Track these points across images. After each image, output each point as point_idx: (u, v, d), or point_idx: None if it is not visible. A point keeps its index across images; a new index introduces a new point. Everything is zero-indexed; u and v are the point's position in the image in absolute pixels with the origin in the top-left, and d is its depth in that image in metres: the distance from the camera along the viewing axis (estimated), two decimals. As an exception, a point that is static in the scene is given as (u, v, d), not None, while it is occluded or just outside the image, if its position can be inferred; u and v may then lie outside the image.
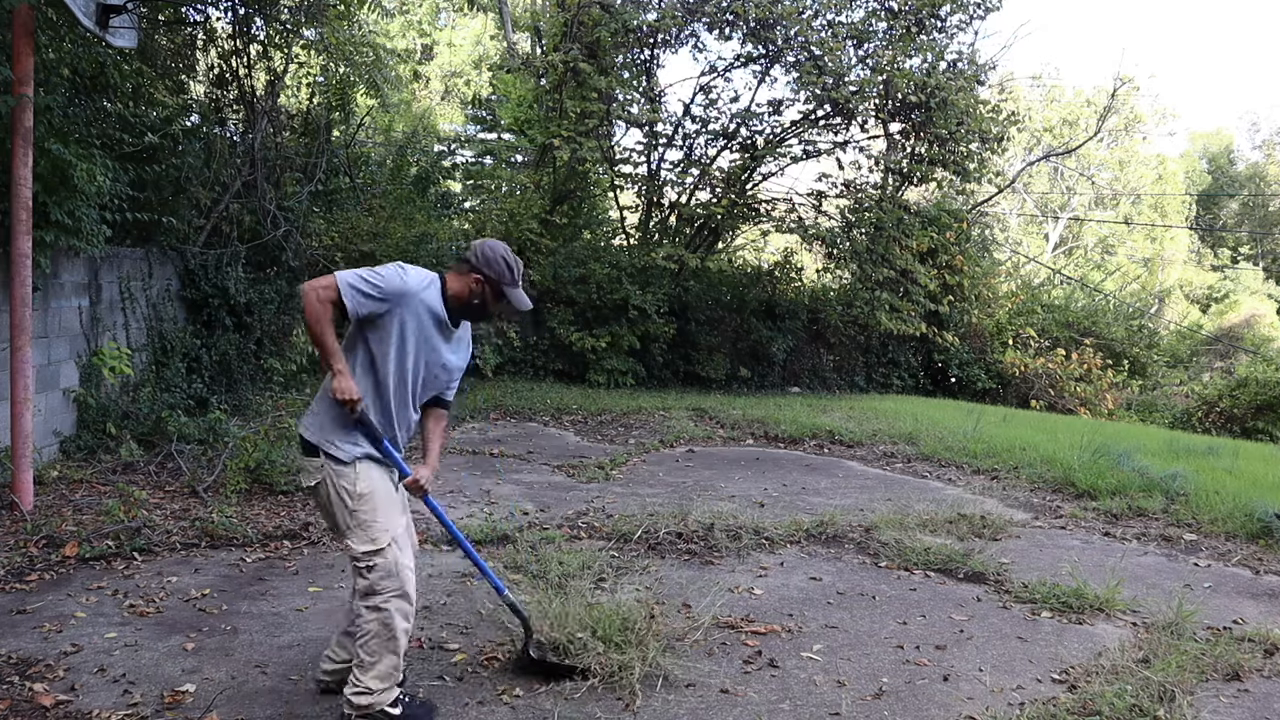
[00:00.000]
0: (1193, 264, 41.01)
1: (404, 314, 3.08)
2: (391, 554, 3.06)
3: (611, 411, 11.08)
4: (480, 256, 3.20)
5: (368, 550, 3.05)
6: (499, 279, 3.19)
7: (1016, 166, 30.79)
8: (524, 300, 3.26)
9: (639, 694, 3.43)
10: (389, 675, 3.08)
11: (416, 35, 26.24)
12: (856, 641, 4.10)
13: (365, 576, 3.06)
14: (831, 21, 13.91)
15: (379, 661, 3.06)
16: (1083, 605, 4.59)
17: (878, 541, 5.66)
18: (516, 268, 3.24)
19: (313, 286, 3.00)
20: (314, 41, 11.05)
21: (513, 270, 3.23)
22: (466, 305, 3.22)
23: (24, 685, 3.32)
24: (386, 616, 3.04)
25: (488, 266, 3.19)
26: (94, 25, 5.71)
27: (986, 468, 8.44)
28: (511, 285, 3.22)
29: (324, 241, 10.98)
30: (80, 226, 6.20)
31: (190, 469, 6.44)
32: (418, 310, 3.11)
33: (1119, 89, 25.66)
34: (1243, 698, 3.67)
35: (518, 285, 3.24)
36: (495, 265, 3.19)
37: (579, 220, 15.36)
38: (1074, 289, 23.14)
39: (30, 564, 4.62)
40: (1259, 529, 6.22)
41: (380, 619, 3.04)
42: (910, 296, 14.92)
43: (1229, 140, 47.90)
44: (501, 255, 3.21)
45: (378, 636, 3.05)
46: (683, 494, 6.88)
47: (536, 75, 14.96)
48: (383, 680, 3.07)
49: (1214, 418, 16.37)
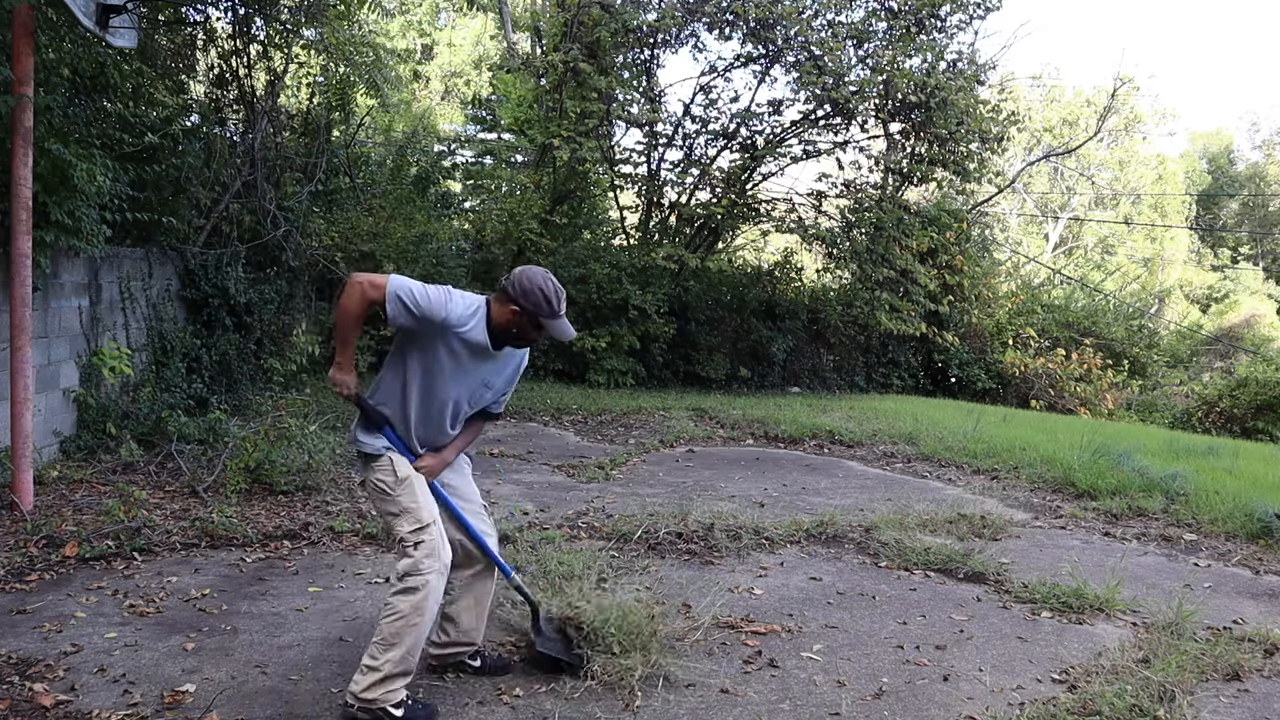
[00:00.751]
0: (1193, 264, 41.01)
1: (435, 341, 3.12)
2: (435, 531, 3.13)
3: (611, 411, 11.08)
4: (517, 288, 3.14)
5: (414, 529, 3.12)
6: (536, 311, 3.14)
7: (1016, 166, 30.79)
8: (566, 331, 3.21)
9: (639, 694, 3.43)
10: (404, 660, 3.08)
11: (416, 35, 26.25)
12: (856, 641, 4.10)
13: (410, 554, 3.10)
14: (831, 21, 13.91)
15: (398, 644, 3.06)
16: (1083, 605, 4.59)
17: (878, 541, 5.66)
18: (556, 298, 3.16)
19: (363, 280, 3.04)
20: (314, 41, 11.06)
21: (550, 302, 3.14)
22: (506, 334, 3.21)
23: (24, 685, 3.32)
24: (421, 598, 3.06)
25: (524, 298, 3.13)
26: (94, 25, 5.71)
27: (986, 468, 8.44)
28: (550, 317, 3.15)
29: (324, 241, 10.98)
30: (80, 226, 6.20)
31: (190, 469, 6.44)
32: (451, 343, 3.14)
33: (1119, 89, 25.68)
34: (1243, 698, 3.67)
35: (558, 316, 3.17)
36: (532, 297, 3.13)
37: (579, 220, 15.37)
38: (1074, 289, 23.14)
39: (30, 564, 4.62)
40: (1259, 529, 6.22)
41: (413, 601, 3.06)
42: (910, 296, 14.92)
43: (1229, 140, 47.92)
44: (539, 286, 3.13)
45: (404, 618, 3.06)
46: (683, 494, 6.88)
47: (536, 75, 14.96)
48: (396, 664, 3.06)
49: (1214, 418, 16.37)
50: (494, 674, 3.53)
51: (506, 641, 3.88)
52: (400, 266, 11.23)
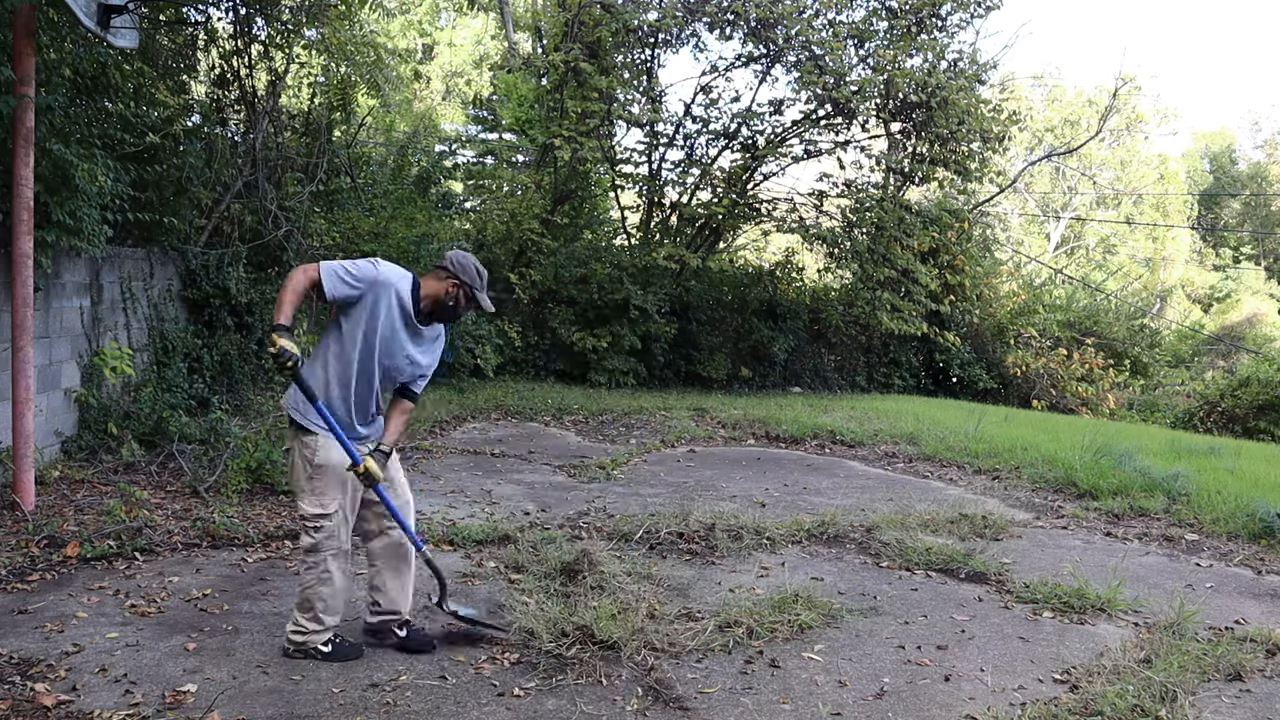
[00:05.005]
0: (1194, 263, 40.99)
1: (374, 302, 3.52)
2: (337, 519, 3.57)
3: (613, 411, 11.08)
4: (456, 264, 3.67)
5: (317, 514, 3.56)
6: (472, 284, 3.68)
7: (1018, 166, 30.74)
8: (489, 304, 3.76)
9: (639, 694, 3.43)
10: (320, 617, 3.59)
11: (417, 35, 26.26)
12: (858, 641, 4.10)
13: (311, 536, 3.57)
14: (832, 21, 13.90)
15: (312, 606, 3.58)
16: (1084, 605, 4.59)
17: (879, 541, 5.65)
18: (484, 275, 3.75)
19: (300, 268, 3.50)
20: (315, 41, 11.06)
21: (482, 277, 3.72)
22: (440, 305, 3.67)
23: (25, 685, 3.32)
24: (320, 571, 3.56)
25: (463, 273, 3.66)
26: (95, 25, 5.70)
27: (988, 468, 8.43)
28: (481, 290, 3.72)
29: (325, 242, 10.98)
30: (81, 227, 6.20)
31: (191, 469, 6.45)
32: (390, 299, 3.56)
33: (1121, 89, 25.59)
34: (1244, 698, 3.66)
35: (484, 290, 3.74)
36: (469, 272, 3.67)
37: (580, 220, 15.36)
38: (1076, 289, 23.09)
39: (32, 564, 4.62)
40: (1261, 529, 6.21)
41: (317, 574, 3.57)
42: (911, 296, 14.90)
43: (1231, 140, 47.86)
44: (473, 264, 3.70)
45: (310, 588, 3.58)
46: (684, 494, 6.88)
47: (537, 75, 14.96)
48: (315, 622, 3.59)
49: (1216, 418, 16.33)
50: (415, 650, 3.79)
51: (504, 643, 3.88)
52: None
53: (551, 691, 3.45)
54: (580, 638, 3.74)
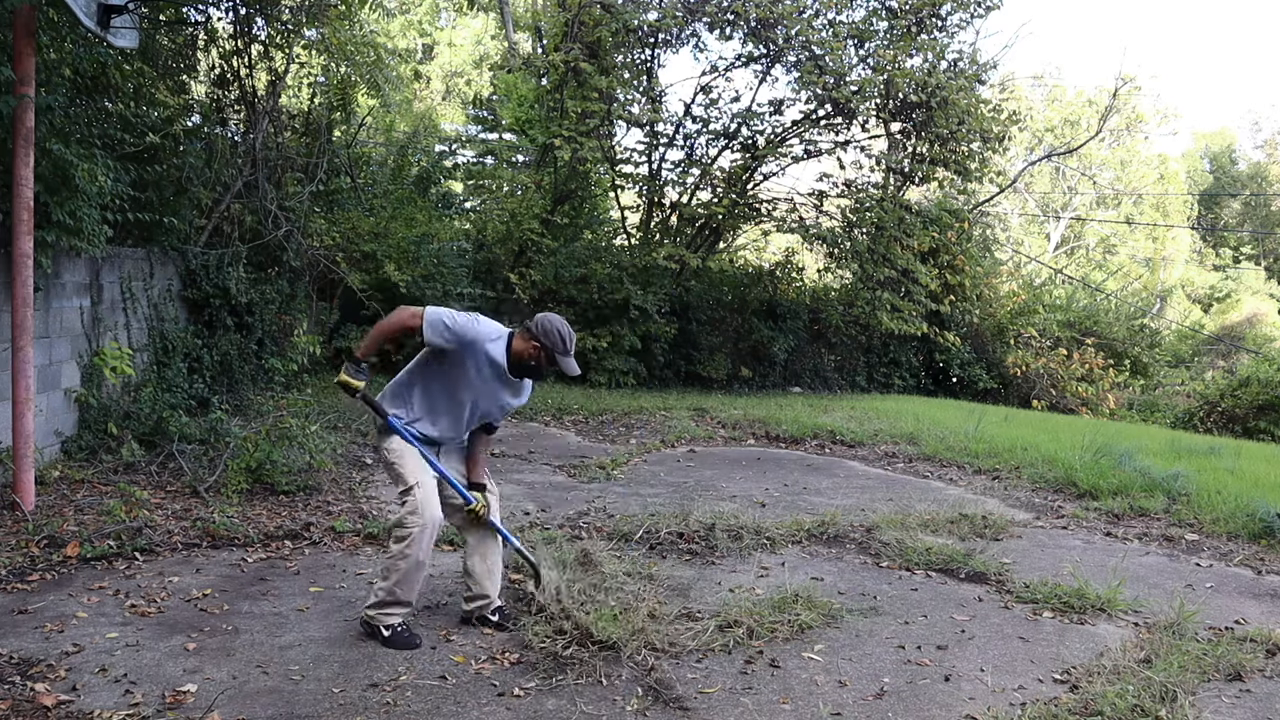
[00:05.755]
0: (1194, 263, 41.00)
1: (463, 357, 3.81)
2: (420, 493, 3.77)
3: (613, 411, 11.08)
4: (540, 328, 3.87)
5: (403, 490, 3.81)
6: (553, 349, 3.86)
7: (1018, 166, 30.74)
8: (573, 367, 3.92)
9: (639, 694, 3.43)
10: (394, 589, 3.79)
11: (417, 35, 26.27)
12: (858, 641, 4.09)
13: (399, 510, 3.81)
14: (832, 21, 13.89)
15: (390, 576, 3.78)
16: (1084, 605, 4.59)
17: (879, 541, 5.65)
18: (570, 340, 3.90)
19: (407, 309, 3.81)
20: (315, 41, 11.05)
21: (565, 342, 3.88)
22: (524, 364, 3.90)
23: (25, 685, 3.32)
24: (407, 544, 3.74)
25: (545, 337, 3.86)
26: (95, 25, 5.70)
27: (988, 468, 8.44)
28: (564, 355, 3.88)
29: (325, 241, 10.98)
30: (81, 227, 6.20)
31: (191, 469, 6.44)
32: (478, 357, 3.83)
33: (1121, 89, 25.59)
34: (1244, 698, 3.66)
35: (568, 354, 3.89)
36: (551, 337, 3.85)
37: (580, 220, 15.35)
38: (1076, 289, 23.10)
39: (32, 564, 4.62)
40: (1261, 529, 6.21)
41: (401, 547, 3.75)
42: (911, 296, 14.90)
43: (1231, 140, 47.86)
44: (557, 328, 3.87)
45: (394, 557, 3.77)
46: (684, 494, 6.88)
47: (537, 75, 14.95)
48: (388, 592, 3.79)
49: (1216, 418, 16.33)
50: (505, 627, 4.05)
51: (503, 641, 3.88)
52: (401, 267, 11.23)
53: (551, 691, 3.45)
54: (580, 638, 3.74)
